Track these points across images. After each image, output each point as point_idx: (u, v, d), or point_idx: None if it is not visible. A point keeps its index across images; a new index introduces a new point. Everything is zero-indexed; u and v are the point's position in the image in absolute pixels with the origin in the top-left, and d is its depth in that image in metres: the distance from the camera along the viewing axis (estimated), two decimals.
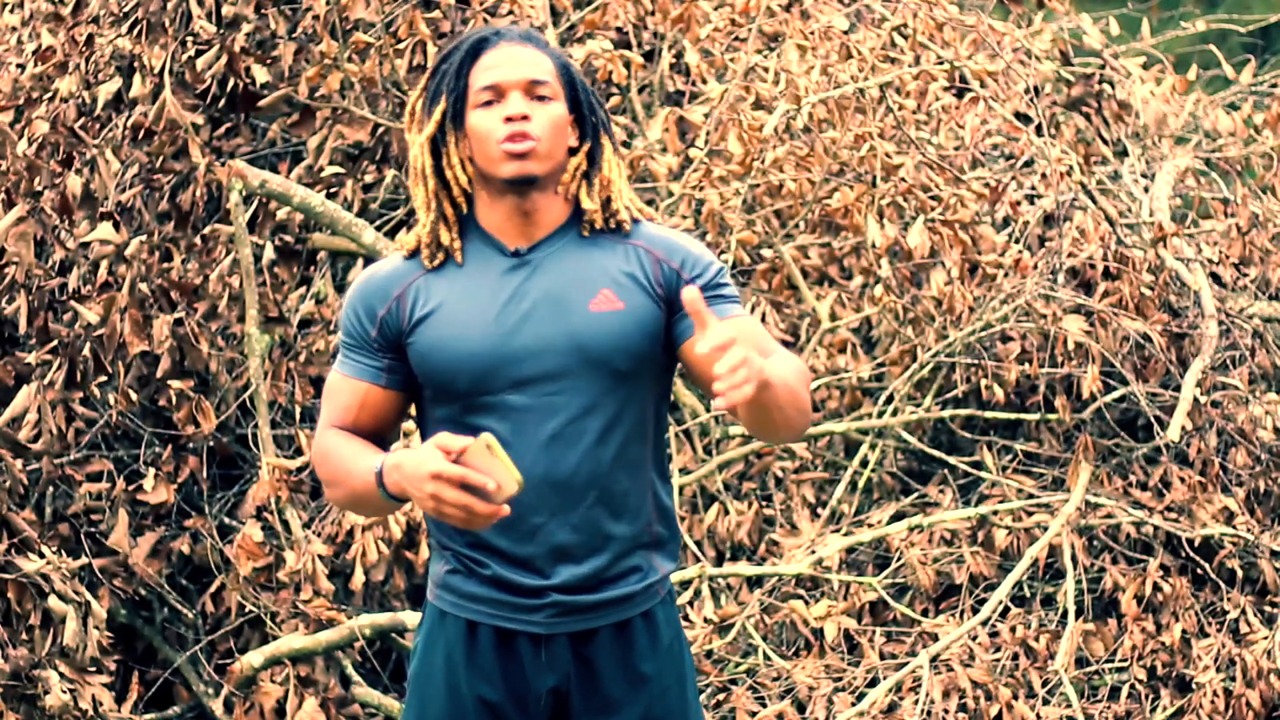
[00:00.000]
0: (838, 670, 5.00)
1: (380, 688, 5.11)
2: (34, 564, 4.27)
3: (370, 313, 2.73)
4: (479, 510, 2.47)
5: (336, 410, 2.78)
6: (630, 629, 2.77)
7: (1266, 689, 4.71)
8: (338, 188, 5.51)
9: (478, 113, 2.67)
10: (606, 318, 2.68)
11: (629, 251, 2.73)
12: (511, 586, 2.73)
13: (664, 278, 2.71)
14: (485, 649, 2.76)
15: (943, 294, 5.32)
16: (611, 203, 2.74)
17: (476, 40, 2.71)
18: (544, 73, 2.68)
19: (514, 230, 2.71)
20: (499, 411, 2.68)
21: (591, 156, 2.74)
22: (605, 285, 2.69)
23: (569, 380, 2.67)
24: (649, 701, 2.78)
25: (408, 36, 5.38)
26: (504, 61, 2.68)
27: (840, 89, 5.33)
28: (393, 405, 2.77)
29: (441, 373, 2.69)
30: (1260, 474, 5.15)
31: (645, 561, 2.78)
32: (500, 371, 2.67)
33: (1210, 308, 5.15)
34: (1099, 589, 5.13)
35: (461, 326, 2.68)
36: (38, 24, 5.03)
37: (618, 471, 2.71)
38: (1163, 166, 5.80)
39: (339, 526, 5.06)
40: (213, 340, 5.11)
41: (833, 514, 5.48)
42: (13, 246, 4.69)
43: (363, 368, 2.76)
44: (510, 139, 2.64)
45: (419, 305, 2.71)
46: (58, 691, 4.20)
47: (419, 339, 2.70)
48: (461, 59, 2.70)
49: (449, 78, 2.70)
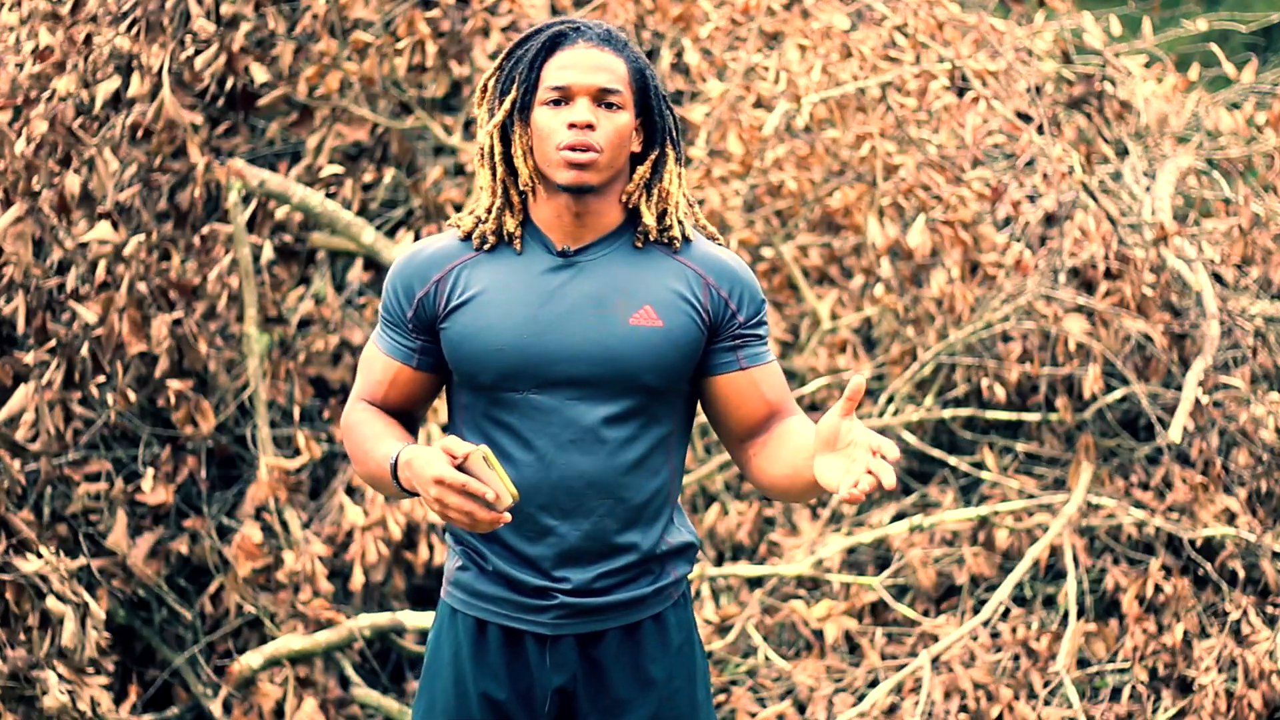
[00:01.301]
0: (838, 671, 4.99)
1: (379, 688, 5.10)
2: (32, 564, 4.26)
3: (409, 293, 2.72)
4: (480, 517, 2.49)
5: (368, 384, 2.79)
6: (639, 631, 2.78)
7: (1268, 690, 4.70)
8: (337, 187, 5.50)
9: (544, 110, 2.65)
10: (644, 333, 2.66)
11: (679, 270, 2.71)
12: (519, 585, 2.74)
13: (712, 304, 2.71)
14: (493, 647, 2.77)
15: (943, 294, 5.32)
16: (667, 216, 2.72)
17: (555, 34, 2.67)
18: (616, 80, 2.65)
19: (564, 229, 2.69)
20: (521, 409, 2.68)
21: (655, 165, 2.71)
22: (648, 300, 2.67)
23: (596, 389, 2.67)
24: (657, 704, 2.78)
25: (407, 36, 5.37)
26: (578, 63, 2.65)
27: (841, 88, 5.32)
28: (423, 386, 2.78)
29: (470, 362, 2.68)
30: (1262, 474, 5.14)
31: (657, 566, 2.78)
32: (528, 370, 2.66)
33: (1212, 307, 5.14)
34: (1100, 589, 5.13)
35: (496, 319, 2.66)
36: (36, 23, 5.02)
37: (634, 483, 2.71)
38: (1164, 166, 5.79)
39: (338, 527, 5.05)
40: (211, 340, 5.11)
41: (833, 514, 5.48)
42: (11, 246, 4.68)
43: (396, 346, 2.76)
44: (571, 147, 2.61)
45: (457, 291, 2.69)
46: (56, 692, 4.19)
47: (452, 325, 2.69)
48: (537, 51, 2.66)
49: (522, 67, 2.67)
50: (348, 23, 5.45)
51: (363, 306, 5.45)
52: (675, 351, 2.68)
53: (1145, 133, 5.91)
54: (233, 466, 5.33)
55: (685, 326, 2.68)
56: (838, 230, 5.86)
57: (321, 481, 5.34)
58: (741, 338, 2.72)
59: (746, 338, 2.72)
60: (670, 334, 2.67)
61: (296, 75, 5.41)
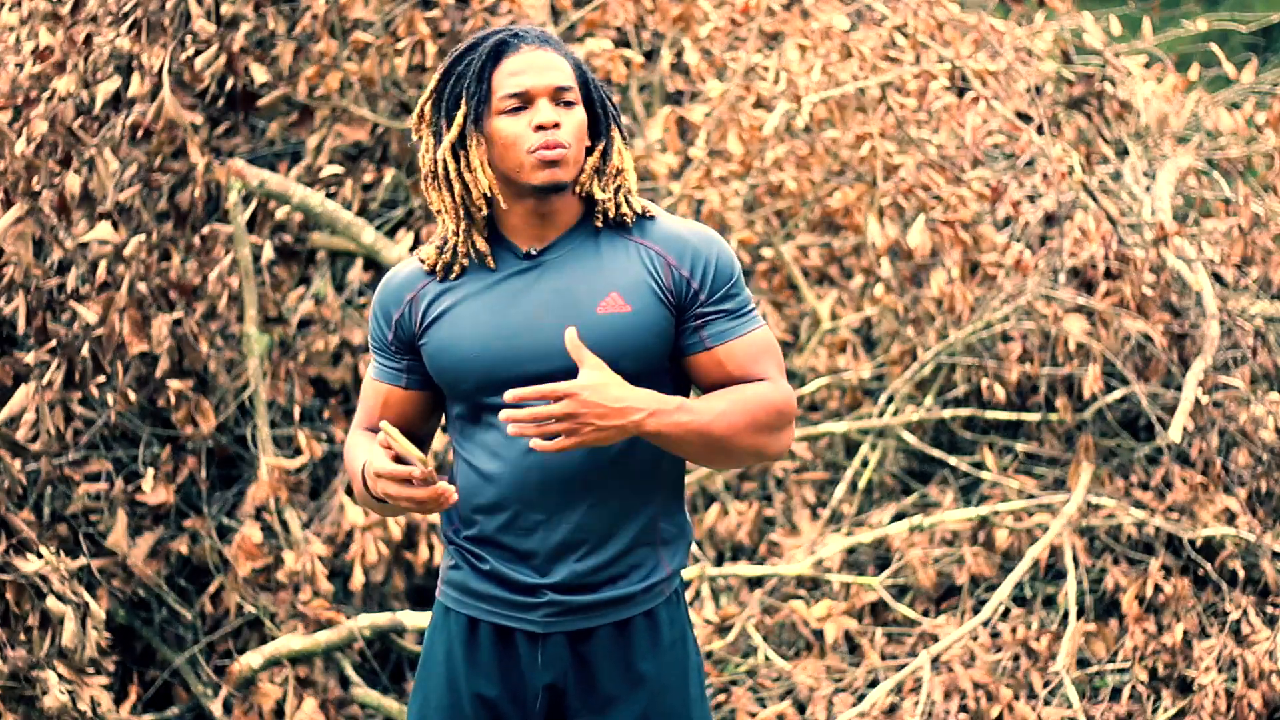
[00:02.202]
0: (838, 671, 4.99)
1: (379, 688, 5.10)
2: (32, 564, 4.26)
3: (387, 316, 2.78)
4: (417, 496, 2.58)
5: (364, 412, 2.87)
6: (630, 628, 2.78)
7: (1268, 690, 4.70)
8: (337, 187, 5.50)
9: (504, 119, 2.65)
10: (613, 320, 2.67)
11: (640, 253, 2.71)
12: (510, 583, 2.75)
13: (674, 283, 2.70)
14: (485, 646, 2.79)
15: (943, 294, 5.31)
16: (621, 191, 2.73)
17: (497, 43, 2.67)
18: (567, 77, 2.67)
19: (530, 232, 2.71)
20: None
21: (604, 152, 2.73)
22: (614, 288, 2.68)
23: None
24: (647, 701, 2.78)
25: (407, 36, 5.37)
26: (529, 67, 2.66)
27: (841, 88, 5.32)
28: (416, 405, 2.82)
29: (449, 373, 2.72)
30: (1262, 474, 5.14)
31: (649, 561, 2.78)
32: (505, 371, 2.67)
33: (1212, 307, 5.14)
34: (1100, 589, 5.13)
35: (469, 328, 2.70)
36: (36, 23, 5.02)
37: (621, 474, 2.71)
38: (1164, 166, 5.79)
39: (338, 527, 5.05)
40: (212, 340, 5.11)
41: (833, 514, 5.47)
42: (11, 246, 4.68)
43: (384, 370, 2.82)
44: (544, 147, 2.63)
45: (431, 307, 2.73)
46: (56, 692, 4.19)
47: (430, 341, 2.73)
48: (483, 62, 2.66)
49: (469, 81, 2.67)
50: (347, 23, 5.45)
51: (362, 306, 5.45)
52: (646, 334, 2.68)
53: (1145, 133, 5.91)
54: (233, 466, 5.33)
55: (652, 308, 2.68)
56: (838, 230, 5.86)
57: (321, 481, 5.34)
58: (704, 316, 2.70)
59: (710, 315, 2.70)
60: (640, 317, 2.68)
61: (296, 75, 5.41)
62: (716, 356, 2.71)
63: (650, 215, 2.75)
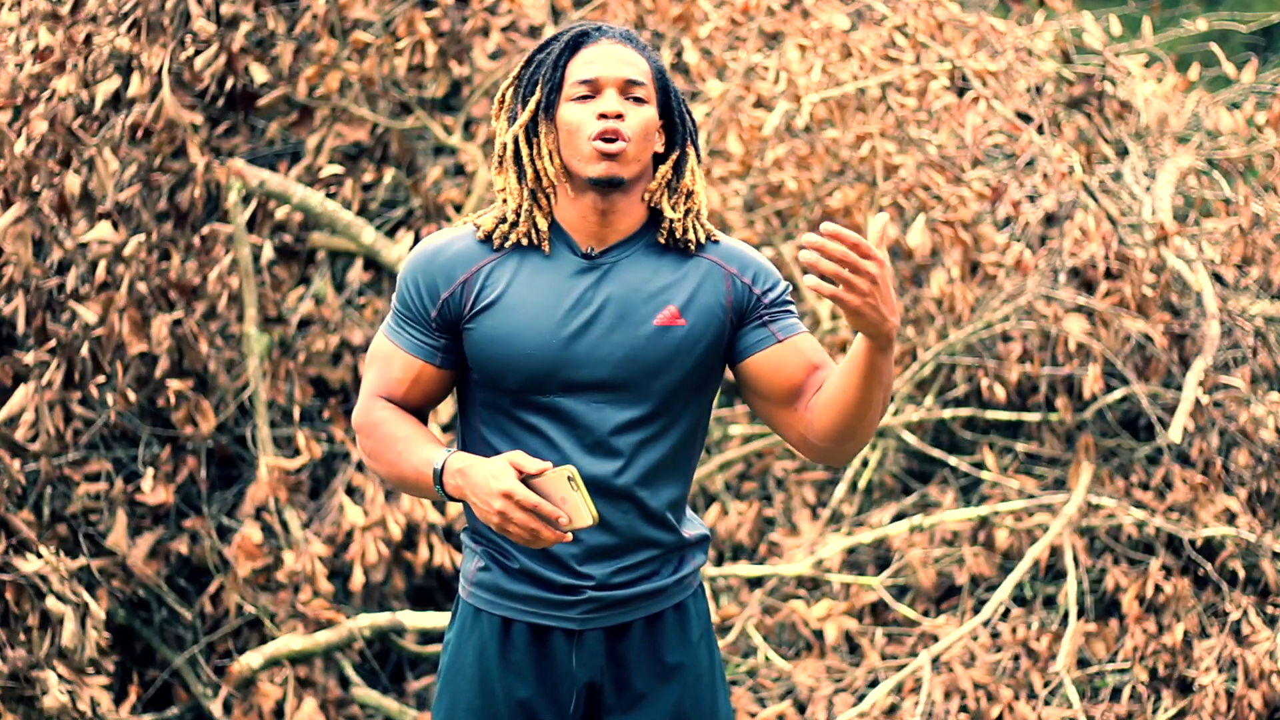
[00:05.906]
0: (838, 671, 4.99)
1: (379, 688, 5.10)
2: (32, 564, 4.26)
3: (432, 292, 2.70)
4: (545, 536, 2.51)
5: (387, 381, 2.76)
6: (661, 622, 2.80)
7: (1268, 690, 4.69)
8: (337, 187, 5.50)
9: (571, 106, 2.66)
10: (668, 333, 2.67)
11: (700, 266, 2.72)
12: (546, 583, 2.74)
13: (735, 292, 2.71)
14: (519, 646, 2.77)
15: (944, 294, 5.31)
16: (690, 214, 2.73)
17: (578, 34, 2.70)
18: (641, 74, 2.68)
19: (589, 230, 2.70)
20: (547, 412, 2.68)
21: (677, 166, 2.73)
22: (671, 300, 2.68)
23: (622, 391, 2.68)
24: (680, 693, 2.80)
25: (407, 36, 5.37)
26: (603, 57, 2.67)
27: (841, 88, 5.31)
28: (443, 384, 2.76)
29: (495, 365, 2.68)
30: (1262, 474, 5.14)
31: (677, 555, 2.82)
32: (554, 375, 2.66)
33: (1212, 307, 5.14)
34: (1100, 590, 5.12)
35: (523, 323, 2.66)
36: (36, 23, 5.02)
37: (658, 481, 2.72)
38: (1164, 166, 5.79)
39: (338, 527, 5.05)
40: (211, 340, 5.10)
41: (833, 514, 5.47)
42: (11, 246, 4.68)
43: (419, 345, 2.73)
44: (602, 136, 2.63)
45: (483, 293, 2.68)
46: (56, 692, 4.19)
47: (478, 327, 2.68)
48: (560, 51, 2.69)
49: (546, 68, 2.69)
50: (347, 23, 5.45)
51: (363, 306, 5.45)
52: (699, 350, 2.69)
53: (1145, 133, 5.90)
54: (233, 466, 5.33)
55: (708, 324, 2.70)
56: None
57: (321, 481, 5.34)
58: (767, 313, 2.73)
59: (775, 312, 2.73)
60: (694, 331, 2.69)
61: (296, 75, 5.41)
62: (796, 345, 2.72)
63: (716, 240, 2.76)
